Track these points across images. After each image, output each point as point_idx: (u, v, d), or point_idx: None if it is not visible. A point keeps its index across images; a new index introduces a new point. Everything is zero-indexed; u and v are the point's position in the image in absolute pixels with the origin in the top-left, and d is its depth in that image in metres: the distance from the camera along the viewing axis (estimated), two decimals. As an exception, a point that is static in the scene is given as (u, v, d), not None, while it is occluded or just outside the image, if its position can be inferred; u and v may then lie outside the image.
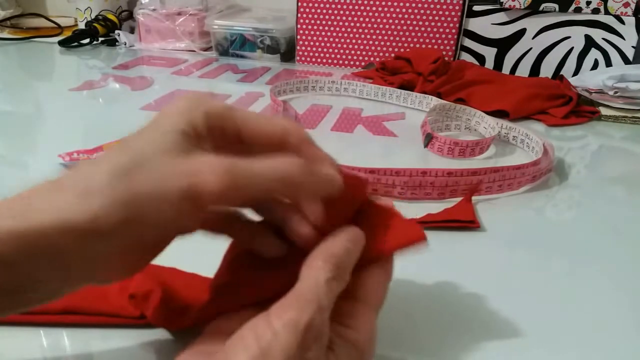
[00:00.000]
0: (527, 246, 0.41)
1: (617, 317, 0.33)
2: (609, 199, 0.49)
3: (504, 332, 0.31)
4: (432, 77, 0.75)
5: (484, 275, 0.37)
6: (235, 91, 0.76)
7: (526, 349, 0.30)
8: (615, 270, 0.38)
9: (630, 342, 0.31)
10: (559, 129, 0.67)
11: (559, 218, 0.45)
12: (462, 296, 0.34)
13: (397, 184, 0.46)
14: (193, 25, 0.96)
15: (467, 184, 0.46)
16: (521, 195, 0.49)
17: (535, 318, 0.32)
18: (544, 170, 0.51)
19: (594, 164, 0.58)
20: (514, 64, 0.87)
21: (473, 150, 0.56)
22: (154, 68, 0.87)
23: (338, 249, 0.23)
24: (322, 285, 0.21)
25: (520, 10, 0.82)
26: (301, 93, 0.76)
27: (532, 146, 0.57)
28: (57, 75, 0.86)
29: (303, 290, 0.21)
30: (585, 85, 0.73)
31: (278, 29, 0.91)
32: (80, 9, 1.04)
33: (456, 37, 0.86)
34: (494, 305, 0.33)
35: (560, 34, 0.83)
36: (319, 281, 0.21)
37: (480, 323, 0.32)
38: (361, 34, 0.89)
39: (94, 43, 1.00)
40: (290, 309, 0.20)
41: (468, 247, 0.40)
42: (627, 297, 0.35)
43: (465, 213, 0.43)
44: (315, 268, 0.22)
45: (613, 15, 0.80)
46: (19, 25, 1.10)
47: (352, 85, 0.76)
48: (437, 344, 0.30)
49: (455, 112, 0.64)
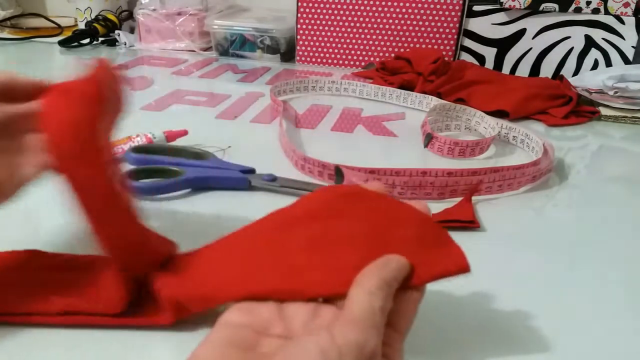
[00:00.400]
0: (527, 246, 0.41)
1: (617, 316, 0.33)
2: (609, 199, 0.49)
3: (504, 331, 0.31)
4: (432, 77, 0.75)
5: (484, 275, 0.37)
6: (235, 91, 0.76)
7: (525, 348, 0.30)
8: (616, 269, 0.38)
9: (631, 342, 0.31)
10: (559, 129, 0.67)
11: (559, 218, 0.45)
12: (462, 296, 0.34)
13: (397, 184, 0.46)
14: (193, 25, 0.96)
15: (467, 184, 0.46)
16: (521, 195, 0.49)
17: (535, 318, 0.32)
18: (544, 170, 0.51)
19: (594, 164, 0.58)
20: (514, 64, 0.87)
21: (473, 150, 0.56)
22: (154, 68, 0.87)
23: (390, 276, 0.24)
24: (378, 313, 0.22)
25: (520, 10, 0.82)
26: (301, 93, 0.76)
27: (532, 146, 0.57)
28: (57, 75, 0.86)
29: (362, 316, 0.22)
30: (585, 85, 0.73)
31: (278, 29, 0.91)
32: (80, 9, 1.04)
33: (456, 37, 0.86)
34: (493, 305, 0.33)
35: (560, 34, 0.83)
36: (375, 308, 0.22)
37: (479, 323, 0.32)
38: (361, 34, 0.89)
39: (94, 43, 1.00)
40: (355, 331, 0.21)
41: (468, 247, 0.40)
42: (627, 297, 0.35)
43: (465, 213, 0.43)
44: (370, 294, 0.23)
45: (613, 15, 0.80)
46: (19, 25, 1.10)
47: (352, 85, 0.76)
48: (436, 343, 0.30)
49: (455, 112, 0.64)
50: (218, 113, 0.67)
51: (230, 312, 0.25)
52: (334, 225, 0.27)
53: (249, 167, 0.48)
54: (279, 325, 0.24)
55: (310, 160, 0.49)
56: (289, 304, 0.25)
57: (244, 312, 0.25)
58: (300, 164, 0.50)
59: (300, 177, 0.49)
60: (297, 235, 0.27)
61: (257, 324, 0.24)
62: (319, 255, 0.26)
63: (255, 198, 0.46)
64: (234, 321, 0.24)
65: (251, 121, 0.65)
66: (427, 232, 0.27)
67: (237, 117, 0.66)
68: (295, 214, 0.29)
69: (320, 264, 0.25)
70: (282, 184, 0.47)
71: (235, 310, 0.25)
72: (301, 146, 0.57)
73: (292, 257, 0.26)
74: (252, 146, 0.56)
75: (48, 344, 0.28)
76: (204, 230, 0.36)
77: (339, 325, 0.21)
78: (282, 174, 0.48)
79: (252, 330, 0.23)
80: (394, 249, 0.26)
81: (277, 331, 0.23)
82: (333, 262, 0.25)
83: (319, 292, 0.24)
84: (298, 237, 0.27)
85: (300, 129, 0.63)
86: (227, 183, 0.47)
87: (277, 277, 0.26)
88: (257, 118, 0.66)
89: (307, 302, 0.24)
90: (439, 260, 0.26)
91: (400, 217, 0.28)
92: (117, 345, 0.28)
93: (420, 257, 0.26)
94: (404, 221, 0.27)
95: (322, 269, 0.25)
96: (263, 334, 0.23)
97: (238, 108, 0.69)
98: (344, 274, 0.25)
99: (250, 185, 0.47)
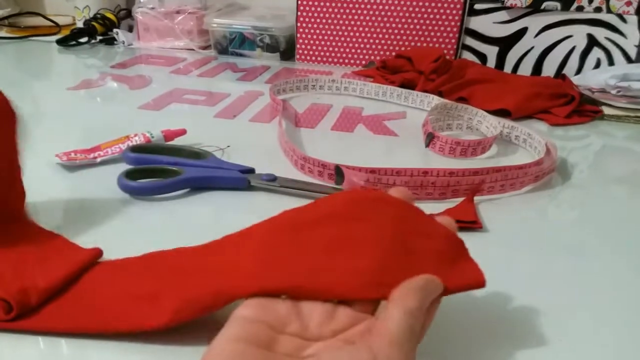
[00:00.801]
0: (530, 246, 0.40)
1: (619, 317, 0.33)
2: (612, 199, 0.49)
3: (506, 332, 0.31)
4: (434, 76, 0.74)
5: (486, 275, 0.36)
6: (235, 90, 0.75)
7: (528, 348, 0.30)
8: (618, 270, 0.38)
9: (631, 342, 0.31)
10: (561, 129, 0.66)
11: (561, 218, 0.45)
12: (464, 296, 0.34)
13: (398, 184, 0.45)
14: (192, 23, 0.96)
15: (469, 184, 0.46)
16: (524, 195, 0.48)
17: (538, 318, 0.32)
18: (547, 170, 0.50)
19: (597, 163, 0.57)
20: (515, 63, 0.86)
21: (475, 150, 0.55)
22: (153, 67, 0.86)
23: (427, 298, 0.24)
24: (415, 333, 0.23)
25: (522, 9, 0.82)
26: (301, 92, 0.76)
27: (535, 146, 0.57)
28: (55, 74, 0.86)
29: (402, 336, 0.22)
30: (588, 84, 0.73)
31: (277, 27, 0.90)
32: (78, 8, 1.04)
33: (457, 36, 0.86)
34: (495, 306, 0.33)
35: (562, 32, 0.82)
36: (414, 330, 0.23)
37: (481, 323, 0.31)
38: (362, 33, 0.89)
39: (92, 42, 0.99)
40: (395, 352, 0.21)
41: (470, 248, 0.39)
42: (629, 297, 0.35)
43: (467, 213, 0.43)
44: (410, 315, 0.23)
45: (615, 13, 0.79)
46: (16, 23, 1.09)
47: (353, 84, 0.75)
48: (438, 344, 0.30)
49: (457, 112, 0.64)
50: (217, 112, 0.66)
51: (244, 306, 0.24)
52: (356, 228, 0.27)
53: (248, 166, 0.48)
54: (295, 323, 0.23)
55: (310, 160, 0.49)
56: (305, 303, 0.25)
57: (259, 307, 0.24)
58: (300, 164, 0.50)
59: (300, 176, 0.49)
60: (318, 235, 0.27)
61: (272, 320, 0.23)
62: (338, 257, 0.25)
63: (254, 198, 0.45)
64: (249, 316, 0.24)
65: (250, 120, 0.64)
66: (449, 247, 0.28)
67: (236, 116, 0.65)
68: (316, 214, 0.29)
69: (339, 265, 0.25)
70: (281, 184, 0.46)
71: (249, 306, 0.24)
72: (301, 145, 0.57)
73: (311, 256, 0.26)
74: (252, 146, 0.56)
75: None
76: (203, 231, 0.36)
77: (379, 342, 0.22)
78: (282, 174, 0.47)
79: (267, 326, 0.23)
80: (415, 259, 0.26)
81: (293, 329, 0.23)
82: (353, 264, 0.25)
83: (337, 294, 0.24)
84: (318, 237, 0.27)
85: (300, 128, 0.63)
86: (226, 183, 0.46)
87: (294, 275, 0.25)
88: (257, 117, 0.65)
89: (323, 303, 0.24)
90: (459, 274, 0.26)
91: (423, 229, 0.28)
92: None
93: (441, 270, 0.26)
94: (427, 233, 0.28)
95: (340, 270, 0.24)
96: (279, 331, 0.23)
97: (237, 107, 0.69)
98: (363, 278, 0.25)
99: (250, 185, 0.46)
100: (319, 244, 0.26)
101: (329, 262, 0.25)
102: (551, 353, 0.30)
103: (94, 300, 0.29)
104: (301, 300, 0.25)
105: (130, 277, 0.31)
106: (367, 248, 0.26)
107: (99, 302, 0.29)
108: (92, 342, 0.28)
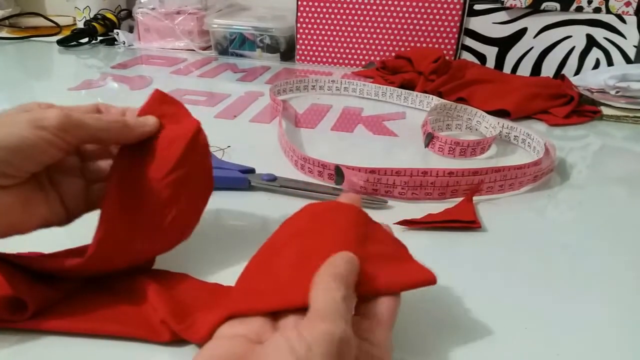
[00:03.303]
0: (529, 246, 0.40)
1: (621, 317, 0.33)
2: (611, 199, 0.49)
3: (505, 332, 0.31)
4: (433, 77, 0.75)
5: (485, 275, 0.36)
6: (235, 90, 0.75)
7: (526, 348, 0.30)
8: (617, 270, 0.38)
9: (631, 342, 0.31)
10: (560, 129, 0.67)
11: (560, 218, 0.45)
12: (463, 297, 0.34)
13: (397, 184, 0.45)
14: (192, 24, 0.96)
15: (468, 184, 0.46)
16: (522, 195, 0.49)
17: (536, 318, 0.32)
18: (546, 170, 0.51)
19: (596, 164, 0.57)
20: (515, 63, 0.86)
21: (474, 150, 0.55)
22: (153, 67, 0.87)
23: (342, 269, 0.25)
24: (341, 302, 0.23)
25: (521, 9, 0.82)
26: (301, 92, 0.76)
27: (534, 146, 0.57)
28: (56, 74, 0.86)
29: (325, 308, 0.22)
30: (587, 84, 0.73)
31: (278, 27, 0.91)
32: (79, 8, 1.04)
33: (457, 36, 0.86)
34: (495, 306, 0.33)
35: (561, 33, 0.82)
36: (336, 299, 0.23)
37: (481, 323, 0.32)
38: (361, 33, 0.89)
39: (92, 42, 0.99)
40: (320, 323, 0.22)
41: (469, 248, 0.40)
42: (631, 297, 0.35)
43: (466, 213, 0.43)
44: (329, 289, 0.24)
45: (614, 14, 0.79)
46: (17, 24, 1.09)
47: (353, 84, 0.76)
48: (437, 344, 0.30)
49: (456, 112, 0.64)
50: (217, 112, 0.66)
51: (223, 326, 0.25)
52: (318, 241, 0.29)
53: (249, 166, 0.48)
54: (271, 333, 0.24)
55: (310, 160, 0.49)
56: (281, 313, 0.25)
57: (237, 322, 0.25)
58: (300, 164, 0.50)
59: (300, 177, 0.49)
60: (285, 254, 0.28)
61: (250, 333, 0.24)
62: (303, 269, 0.27)
63: (254, 198, 0.46)
64: (228, 333, 0.25)
65: (251, 121, 0.64)
66: (397, 250, 0.30)
67: (236, 117, 0.65)
68: (284, 234, 0.31)
69: (303, 276, 0.26)
70: (281, 184, 0.46)
71: (228, 324, 0.25)
72: (301, 146, 0.57)
73: (279, 273, 0.27)
74: (252, 146, 0.56)
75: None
76: (203, 231, 0.36)
77: (305, 321, 0.22)
78: (282, 174, 0.48)
79: (246, 339, 0.24)
80: (372, 263, 0.28)
81: (269, 337, 0.24)
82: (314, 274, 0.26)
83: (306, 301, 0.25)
84: (285, 256, 0.28)
85: (300, 128, 0.63)
86: (227, 183, 0.46)
87: (264, 293, 0.27)
88: (257, 117, 0.65)
89: (299, 311, 0.25)
90: (413, 273, 0.28)
91: (375, 234, 0.30)
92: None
93: (395, 271, 0.28)
94: (378, 238, 0.30)
95: (305, 281, 0.25)
96: (256, 342, 0.23)
97: (237, 107, 0.69)
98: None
99: (250, 185, 0.47)
100: (287, 261, 0.28)
101: (294, 275, 0.27)
102: (551, 353, 0.30)
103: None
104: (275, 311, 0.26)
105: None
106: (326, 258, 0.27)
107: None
108: (93, 342, 0.28)
